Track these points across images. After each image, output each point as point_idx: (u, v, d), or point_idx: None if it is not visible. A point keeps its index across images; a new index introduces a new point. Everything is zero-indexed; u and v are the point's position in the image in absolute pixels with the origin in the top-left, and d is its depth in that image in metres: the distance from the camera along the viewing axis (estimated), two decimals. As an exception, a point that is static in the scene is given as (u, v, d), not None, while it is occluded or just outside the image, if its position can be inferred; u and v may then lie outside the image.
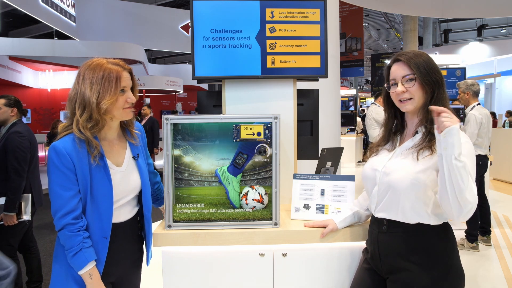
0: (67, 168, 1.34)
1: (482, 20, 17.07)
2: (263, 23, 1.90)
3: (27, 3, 9.15)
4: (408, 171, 1.32)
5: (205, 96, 2.11)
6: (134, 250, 1.58)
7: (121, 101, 1.41)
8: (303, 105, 2.10)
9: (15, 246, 2.88)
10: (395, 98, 1.42)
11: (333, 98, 3.96)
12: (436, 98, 1.36)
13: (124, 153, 1.51)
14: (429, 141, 1.32)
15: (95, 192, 1.38)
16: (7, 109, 2.91)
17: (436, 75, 1.36)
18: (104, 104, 1.35)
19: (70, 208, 1.33)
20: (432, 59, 1.39)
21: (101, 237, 1.40)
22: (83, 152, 1.36)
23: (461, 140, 1.26)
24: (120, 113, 1.43)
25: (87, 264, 1.34)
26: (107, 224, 1.41)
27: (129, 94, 1.43)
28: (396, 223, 1.37)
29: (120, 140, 1.53)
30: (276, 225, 1.63)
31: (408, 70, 1.37)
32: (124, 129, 1.56)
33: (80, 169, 1.35)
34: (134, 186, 1.51)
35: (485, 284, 3.29)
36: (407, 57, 1.38)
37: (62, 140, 1.37)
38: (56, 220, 1.35)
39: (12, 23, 15.29)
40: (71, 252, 1.33)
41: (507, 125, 9.23)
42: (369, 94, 25.07)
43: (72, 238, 1.33)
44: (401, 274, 1.35)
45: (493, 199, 6.13)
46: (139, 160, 1.55)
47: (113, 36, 13.14)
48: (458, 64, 9.06)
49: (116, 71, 1.39)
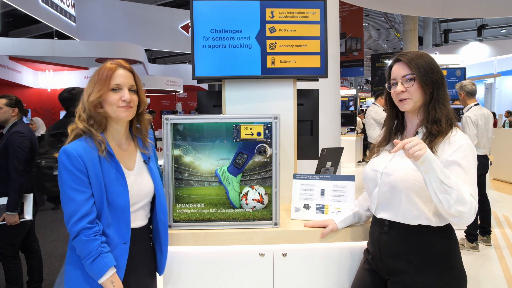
0: (79, 171, 1.29)
1: (482, 20, 17.06)
2: (263, 23, 1.90)
3: (27, 3, 9.14)
4: (409, 172, 1.31)
5: (205, 96, 2.11)
6: (149, 259, 1.52)
7: (114, 99, 1.36)
8: (303, 105, 2.10)
9: (17, 246, 2.88)
10: (395, 98, 1.42)
11: (333, 98, 3.96)
12: (436, 98, 1.36)
13: (134, 157, 1.46)
14: (429, 142, 1.32)
15: (110, 194, 1.33)
16: (8, 109, 2.91)
17: (436, 75, 1.36)
18: (91, 96, 1.34)
19: (84, 211, 1.28)
20: (433, 60, 1.39)
21: (120, 243, 1.34)
22: (93, 154, 1.33)
23: (460, 142, 1.27)
24: (114, 110, 1.37)
25: (108, 270, 1.27)
26: (125, 228, 1.36)
27: (124, 93, 1.37)
28: (397, 224, 1.36)
29: (130, 145, 1.48)
30: (276, 225, 1.63)
31: (408, 70, 1.37)
32: (136, 137, 1.50)
33: (93, 171, 1.31)
34: (148, 190, 1.46)
35: (485, 284, 3.29)
36: (408, 57, 1.38)
37: (72, 143, 1.34)
38: (70, 226, 1.28)
39: (12, 23, 15.28)
40: (89, 259, 1.26)
41: (507, 125, 9.23)
42: (369, 94, 25.06)
43: (88, 243, 1.26)
44: (402, 275, 1.34)
45: (493, 199, 6.12)
46: (151, 164, 1.50)
47: (113, 36, 13.14)
48: (458, 64, 9.05)
49: (109, 68, 1.37)
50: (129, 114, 1.40)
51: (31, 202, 2.86)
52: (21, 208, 2.82)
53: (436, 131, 1.32)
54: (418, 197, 1.31)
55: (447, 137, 1.31)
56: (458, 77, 7.31)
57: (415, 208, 1.32)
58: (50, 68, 13.49)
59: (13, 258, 2.84)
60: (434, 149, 1.30)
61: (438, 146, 1.30)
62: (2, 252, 2.81)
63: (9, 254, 2.82)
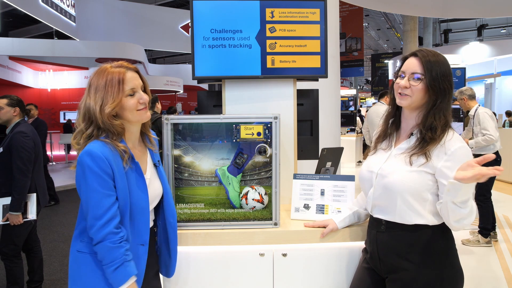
0: (105, 173, 1.24)
1: (482, 20, 17.07)
2: (263, 23, 1.90)
3: (27, 3, 9.15)
4: (403, 174, 1.31)
5: (205, 96, 2.11)
6: (155, 261, 1.51)
7: (133, 103, 1.32)
8: (303, 105, 2.10)
9: (20, 246, 2.88)
10: (396, 89, 1.40)
11: (333, 98, 3.96)
12: (439, 106, 1.33)
13: (146, 160, 1.45)
14: (421, 147, 1.31)
15: (133, 197, 1.31)
16: (9, 109, 2.91)
17: (445, 83, 1.33)
18: (107, 107, 1.27)
19: (110, 216, 1.23)
20: (449, 67, 1.35)
21: (138, 244, 1.33)
22: (117, 157, 1.28)
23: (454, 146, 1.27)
24: (135, 115, 1.34)
25: (129, 279, 1.25)
26: (144, 228, 1.33)
27: (140, 95, 1.35)
28: (394, 224, 1.37)
29: (141, 146, 1.46)
30: (276, 225, 1.63)
31: (420, 68, 1.33)
32: (143, 134, 1.48)
33: (119, 174, 1.27)
34: (158, 193, 1.44)
35: (485, 284, 3.29)
36: (425, 55, 1.34)
37: (94, 144, 1.26)
38: (96, 231, 1.22)
39: (12, 23, 15.29)
40: (112, 266, 1.23)
41: (507, 125, 9.22)
42: (369, 94, 25.06)
43: (114, 250, 1.23)
44: (400, 273, 1.35)
45: (493, 199, 6.11)
46: (160, 167, 1.49)
47: (113, 36, 13.15)
48: (458, 64, 9.06)
49: (118, 73, 1.32)
50: (148, 115, 1.39)
51: (34, 202, 2.87)
52: (24, 208, 2.83)
53: (429, 138, 1.31)
54: (413, 199, 1.31)
55: (442, 142, 1.30)
56: (458, 77, 7.32)
57: (411, 209, 1.32)
58: (50, 68, 13.48)
59: (15, 258, 2.84)
60: (428, 154, 1.30)
61: (432, 152, 1.30)
62: (5, 252, 2.81)
63: (12, 254, 2.82)
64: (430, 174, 1.30)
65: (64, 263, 3.85)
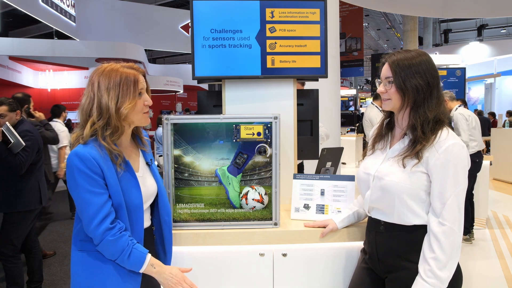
0: (94, 173, 1.24)
1: (482, 20, 17.06)
2: (263, 23, 1.90)
3: (27, 3, 9.15)
4: (400, 177, 1.32)
5: (205, 96, 2.11)
6: None
7: (140, 105, 1.34)
8: (303, 105, 2.10)
9: (18, 246, 2.89)
10: None
11: (333, 98, 3.96)
12: (417, 103, 1.33)
13: (138, 159, 1.46)
14: (413, 149, 1.32)
15: (126, 196, 1.31)
16: (12, 114, 2.94)
17: (417, 80, 1.32)
18: (124, 109, 1.28)
19: (104, 213, 1.24)
20: (425, 63, 1.34)
21: None
22: (106, 158, 1.28)
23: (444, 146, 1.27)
24: (139, 118, 1.36)
25: (146, 257, 1.28)
26: (139, 227, 1.34)
27: (146, 97, 1.37)
28: (392, 224, 1.37)
29: (133, 146, 1.47)
30: (276, 225, 1.63)
31: (389, 72, 1.38)
32: (135, 136, 1.48)
33: (109, 173, 1.27)
34: (152, 191, 1.45)
35: (485, 284, 3.29)
36: (392, 59, 1.37)
37: (82, 146, 1.26)
38: (92, 230, 1.23)
39: (12, 23, 15.29)
40: (125, 255, 1.25)
41: (507, 125, 9.22)
42: (369, 94, 25.06)
43: (117, 241, 1.24)
44: (399, 273, 1.35)
45: (493, 199, 6.13)
46: (153, 165, 1.50)
47: (113, 36, 13.15)
48: (458, 64, 9.06)
49: (134, 74, 1.32)
50: (149, 119, 1.40)
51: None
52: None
53: (420, 138, 1.31)
54: (411, 200, 1.31)
55: (435, 142, 1.29)
56: (458, 77, 7.31)
57: (409, 210, 1.32)
58: (50, 68, 13.49)
59: (14, 258, 2.85)
60: (420, 155, 1.30)
61: (424, 152, 1.30)
62: (3, 252, 2.82)
63: (11, 254, 2.83)
64: (425, 174, 1.30)
65: (64, 263, 3.86)
